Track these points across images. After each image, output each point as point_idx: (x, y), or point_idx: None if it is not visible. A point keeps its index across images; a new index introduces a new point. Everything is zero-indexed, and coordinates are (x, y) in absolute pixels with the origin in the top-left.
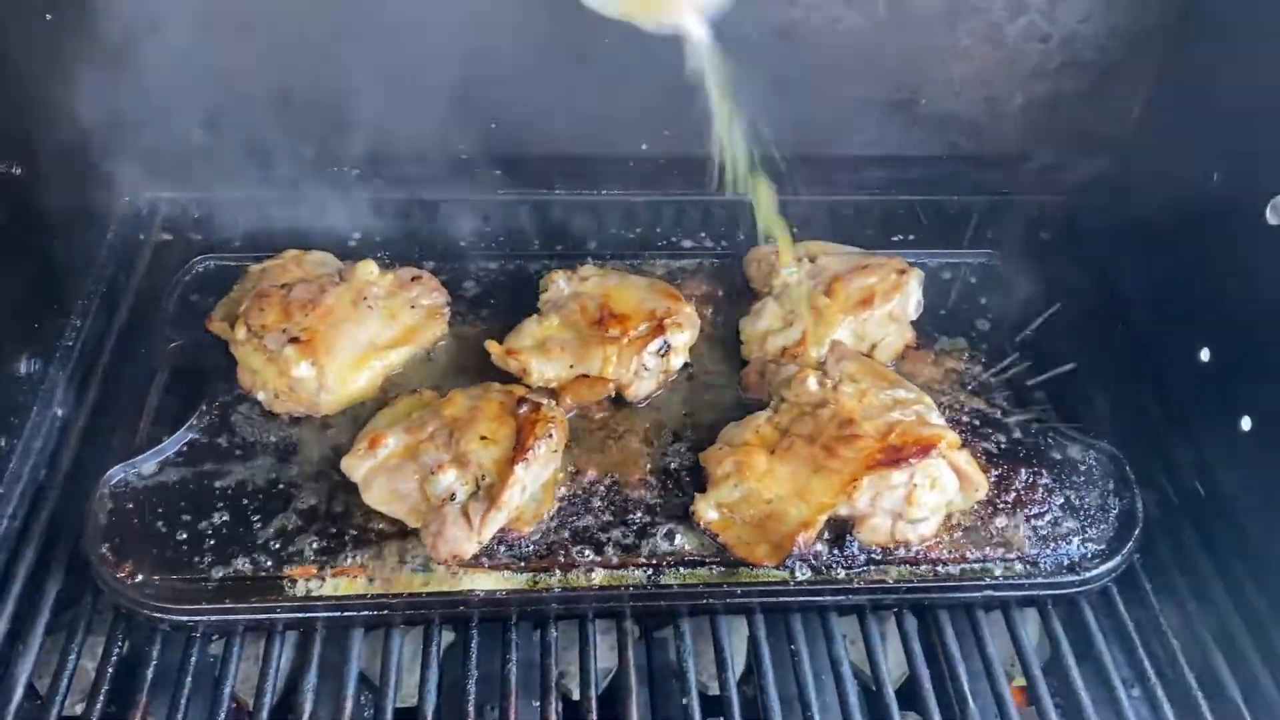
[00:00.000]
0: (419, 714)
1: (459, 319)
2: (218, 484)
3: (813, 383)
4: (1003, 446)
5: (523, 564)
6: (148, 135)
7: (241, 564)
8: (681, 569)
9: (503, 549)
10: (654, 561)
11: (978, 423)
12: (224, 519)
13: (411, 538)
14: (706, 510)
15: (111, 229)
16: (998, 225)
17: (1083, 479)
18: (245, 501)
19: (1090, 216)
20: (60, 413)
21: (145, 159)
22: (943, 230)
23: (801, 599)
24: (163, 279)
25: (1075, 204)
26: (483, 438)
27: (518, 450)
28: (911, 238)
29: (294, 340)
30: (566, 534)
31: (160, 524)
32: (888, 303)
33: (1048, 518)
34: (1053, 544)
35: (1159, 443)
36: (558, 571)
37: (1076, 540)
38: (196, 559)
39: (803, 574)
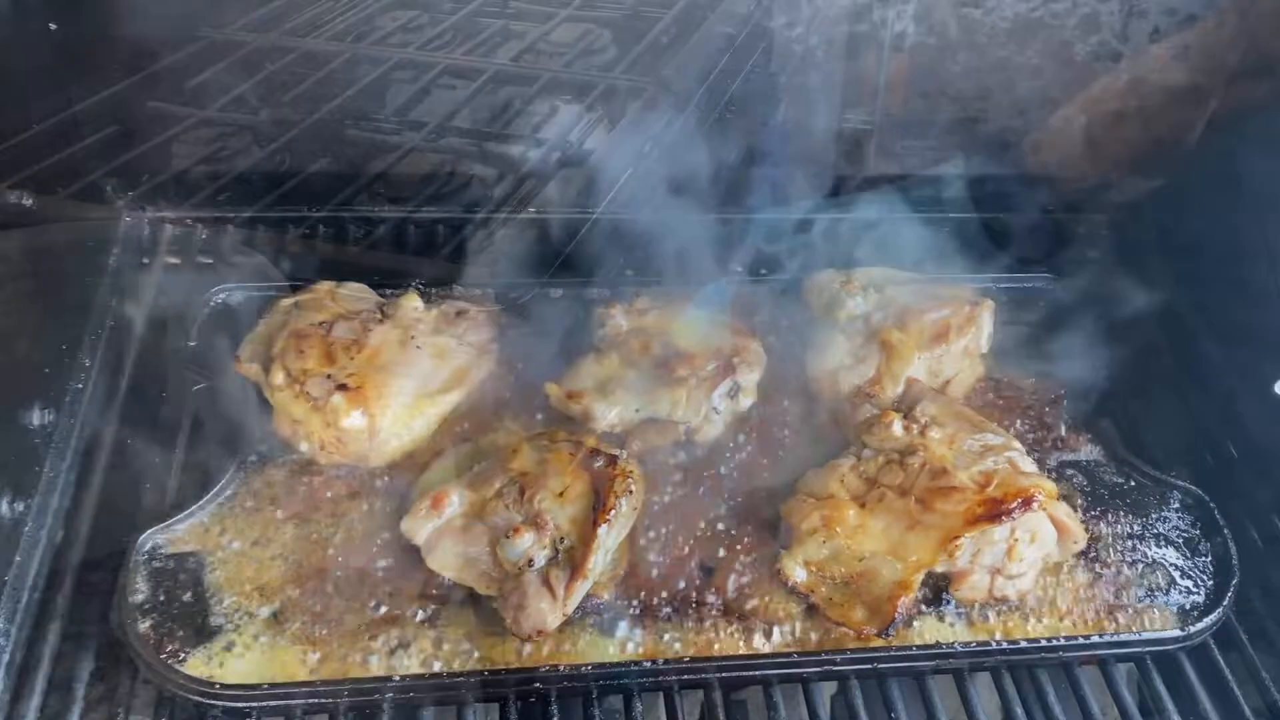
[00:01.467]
0: None
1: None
2: (264, 548)
3: (898, 428)
4: (1082, 488)
5: (603, 632)
6: (151, 153)
7: (299, 640)
8: (770, 634)
9: (577, 615)
10: (741, 625)
11: (1052, 464)
12: (275, 589)
13: (477, 604)
14: (794, 569)
15: (113, 254)
16: (1049, 246)
17: (1169, 524)
18: (296, 567)
19: (1141, 238)
20: (76, 468)
21: (147, 177)
22: (993, 251)
23: (898, 664)
24: (176, 311)
25: (1123, 223)
26: (558, 495)
27: (600, 511)
28: (963, 259)
29: (341, 387)
30: (644, 597)
31: (204, 595)
32: (963, 337)
33: (1140, 568)
34: (1150, 596)
35: (1235, 481)
36: (640, 637)
37: (1174, 592)
38: (248, 634)
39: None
